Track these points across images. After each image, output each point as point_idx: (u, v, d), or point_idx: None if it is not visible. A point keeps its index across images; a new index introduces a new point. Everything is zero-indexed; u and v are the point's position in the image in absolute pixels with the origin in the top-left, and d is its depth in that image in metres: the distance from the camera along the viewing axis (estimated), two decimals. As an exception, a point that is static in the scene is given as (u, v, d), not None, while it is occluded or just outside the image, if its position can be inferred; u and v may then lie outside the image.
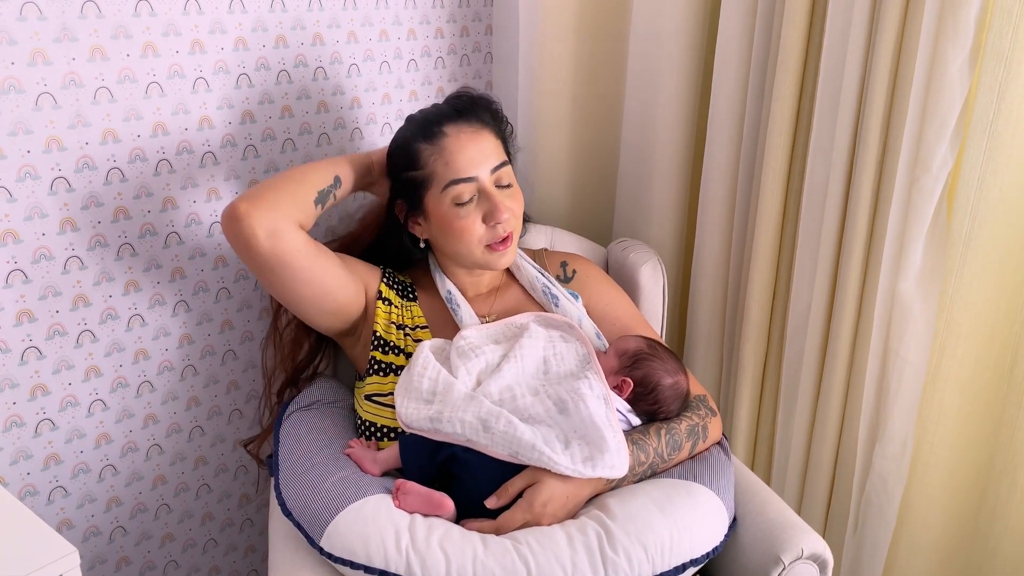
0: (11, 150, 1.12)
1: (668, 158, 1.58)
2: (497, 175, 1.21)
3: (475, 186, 1.20)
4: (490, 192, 1.20)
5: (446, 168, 1.19)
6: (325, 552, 1.01)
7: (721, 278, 1.59)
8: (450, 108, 1.23)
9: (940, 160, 1.21)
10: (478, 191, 1.20)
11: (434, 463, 1.09)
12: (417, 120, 1.24)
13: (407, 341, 1.23)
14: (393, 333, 1.24)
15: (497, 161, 1.22)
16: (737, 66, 1.45)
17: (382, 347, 1.22)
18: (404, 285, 1.31)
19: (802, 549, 1.10)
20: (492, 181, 1.21)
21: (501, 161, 1.22)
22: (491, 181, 1.21)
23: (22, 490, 1.23)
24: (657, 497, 1.07)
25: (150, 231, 1.28)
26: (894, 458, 1.36)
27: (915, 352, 1.31)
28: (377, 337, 1.23)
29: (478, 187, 1.20)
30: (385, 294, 1.27)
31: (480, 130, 1.22)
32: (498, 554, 0.98)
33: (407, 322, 1.26)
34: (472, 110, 1.23)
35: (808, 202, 1.38)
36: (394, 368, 1.21)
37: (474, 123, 1.22)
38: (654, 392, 1.16)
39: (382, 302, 1.26)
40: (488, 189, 1.20)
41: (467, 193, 1.19)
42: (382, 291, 1.27)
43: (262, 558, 1.61)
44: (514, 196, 1.24)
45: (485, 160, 1.20)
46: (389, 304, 1.26)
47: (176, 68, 1.25)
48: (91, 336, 1.25)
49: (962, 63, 1.17)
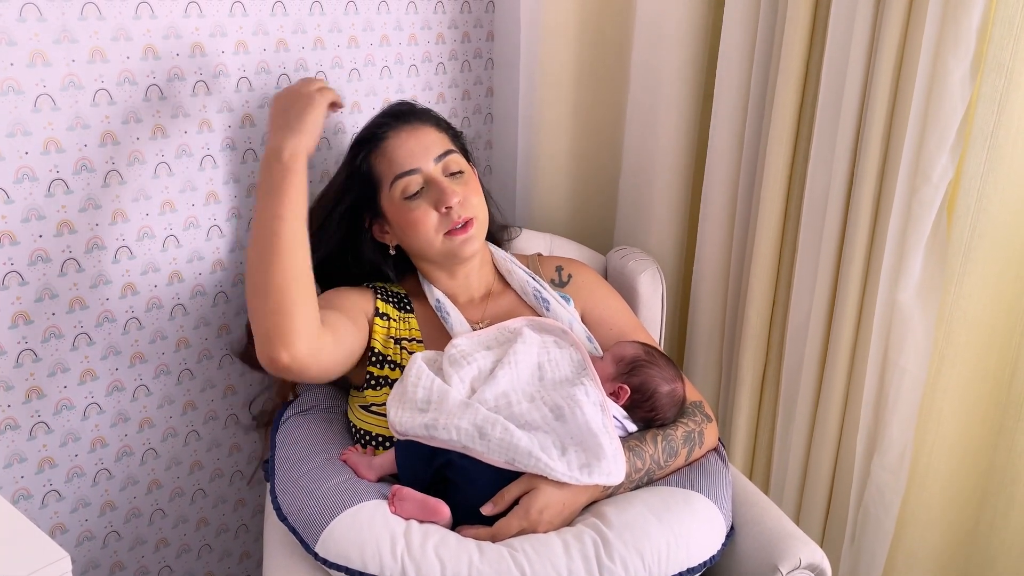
0: (9, 151, 1.11)
1: (669, 166, 1.58)
2: (444, 163, 1.24)
3: (420, 177, 1.22)
4: (436, 179, 1.22)
5: (390, 166, 1.23)
6: (320, 558, 1.01)
7: (721, 286, 1.59)
8: (387, 114, 1.29)
9: (940, 170, 1.21)
10: (425, 181, 1.22)
11: (430, 469, 1.08)
12: (359, 135, 1.30)
13: (403, 355, 1.23)
14: (391, 347, 1.23)
15: (441, 150, 1.24)
16: (739, 74, 1.45)
17: (379, 362, 1.22)
18: (399, 297, 1.30)
19: (800, 559, 1.09)
20: (439, 170, 1.23)
21: (446, 150, 1.25)
22: (438, 170, 1.23)
23: (15, 493, 1.23)
24: (654, 505, 1.07)
25: (148, 234, 1.28)
26: (892, 468, 1.35)
27: (914, 362, 1.30)
28: (375, 353, 1.22)
29: (424, 177, 1.22)
30: (383, 309, 1.26)
31: (419, 127, 1.26)
32: (494, 561, 0.98)
33: (404, 335, 1.25)
34: (411, 112, 1.28)
35: (808, 211, 1.37)
36: (389, 382, 1.20)
37: (413, 122, 1.26)
38: (651, 399, 1.16)
39: (380, 318, 1.25)
40: (434, 177, 1.22)
41: (413, 185, 1.22)
42: (379, 307, 1.26)
43: (257, 564, 1.60)
44: (467, 183, 1.25)
45: (427, 151, 1.23)
46: (387, 319, 1.26)
47: (176, 71, 1.25)
48: (87, 339, 1.25)
49: (963, 73, 1.17)
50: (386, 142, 1.24)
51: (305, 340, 1.07)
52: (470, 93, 1.72)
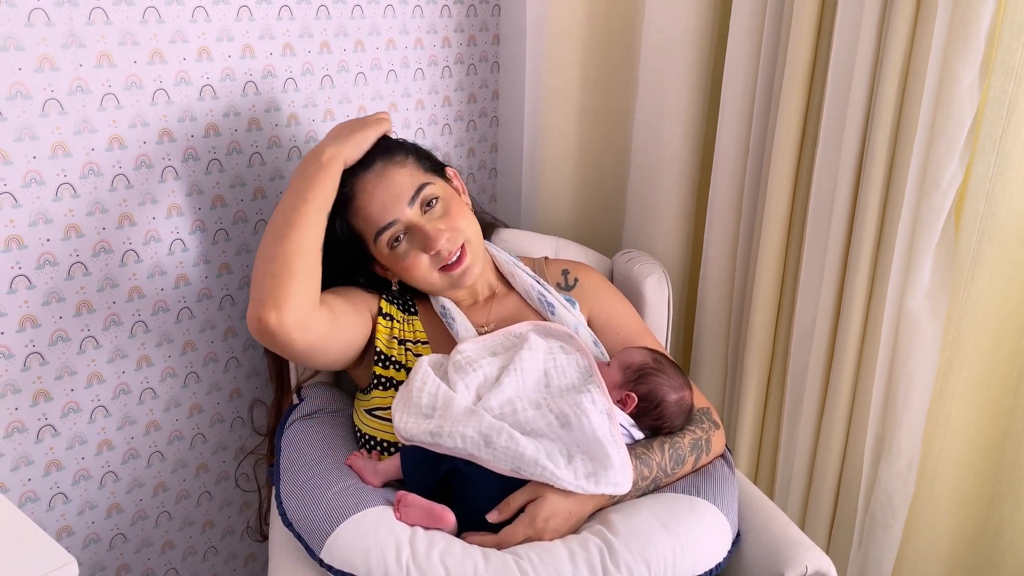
0: (17, 155, 1.12)
1: (676, 170, 1.58)
2: (419, 201, 1.20)
3: (401, 225, 1.19)
4: (417, 225, 1.19)
5: (366, 223, 1.20)
6: (325, 564, 1.01)
7: (727, 291, 1.59)
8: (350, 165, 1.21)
9: (949, 176, 1.20)
10: (406, 228, 1.19)
11: (436, 476, 1.08)
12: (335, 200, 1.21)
13: (408, 356, 1.22)
14: (395, 348, 1.23)
15: (412, 190, 1.19)
16: (745, 80, 1.44)
17: (383, 362, 1.22)
18: (405, 298, 1.30)
19: (807, 566, 1.08)
20: (417, 212, 1.20)
21: (417, 187, 1.20)
22: (416, 213, 1.19)
23: (23, 496, 1.23)
24: (660, 512, 1.06)
25: (155, 237, 1.28)
26: (900, 474, 1.35)
27: (922, 368, 1.30)
28: (378, 353, 1.22)
29: (405, 225, 1.19)
30: (386, 310, 1.26)
31: (384, 171, 1.19)
32: (499, 569, 0.97)
33: (408, 336, 1.25)
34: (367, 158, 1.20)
35: (814, 217, 1.37)
36: (395, 383, 1.20)
37: (374, 165, 1.20)
38: (659, 408, 1.15)
39: (383, 318, 1.25)
40: (414, 222, 1.19)
41: (396, 234, 1.19)
42: (383, 308, 1.26)
43: (262, 567, 1.60)
44: (447, 211, 1.21)
45: (398, 198, 1.18)
46: (391, 319, 1.25)
47: (183, 75, 1.25)
48: (94, 342, 1.25)
49: (972, 79, 1.16)
50: (356, 200, 1.19)
51: (297, 307, 1.08)
52: (476, 96, 1.71)
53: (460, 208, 1.24)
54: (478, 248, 1.25)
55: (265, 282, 1.09)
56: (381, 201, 1.18)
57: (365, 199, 1.19)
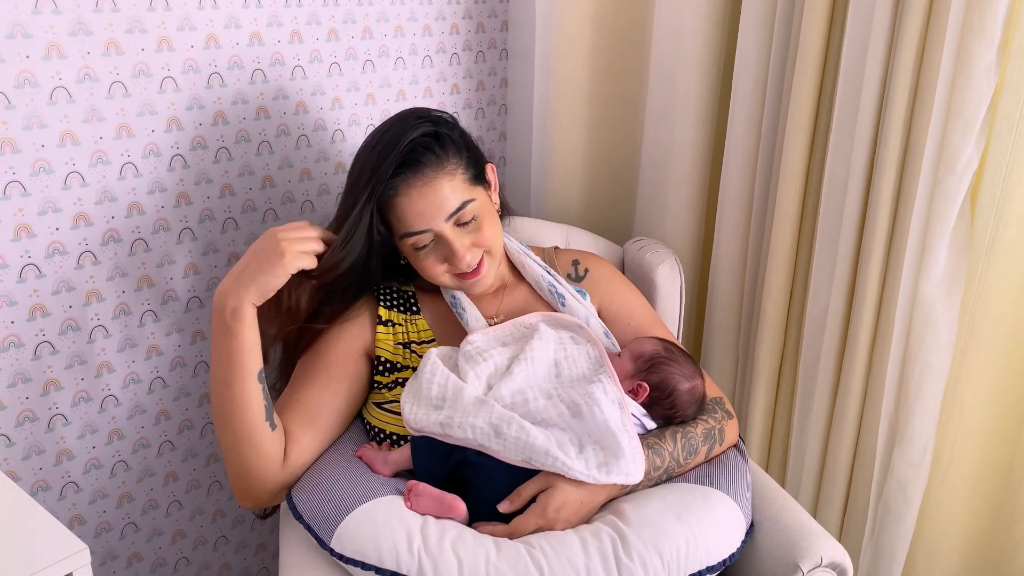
0: (25, 144, 1.11)
1: (687, 158, 1.57)
2: (456, 217, 1.16)
3: (430, 235, 1.16)
4: (447, 238, 1.16)
5: (399, 222, 1.16)
6: (336, 553, 1.00)
7: (738, 279, 1.57)
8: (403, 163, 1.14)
9: (965, 161, 1.18)
10: (435, 237, 1.17)
11: (446, 466, 1.07)
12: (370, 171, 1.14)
13: (414, 358, 1.21)
14: (400, 353, 1.22)
15: (455, 206, 1.15)
16: (756, 65, 1.43)
17: (387, 370, 1.20)
18: (405, 296, 1.28)
19: (821, 557, 1.08)
20: (451, 225, 1.16)
21: (460, 204, 1.15)
22: (449, 226, 1.16)
23: (35, 485, 1.23)
24: (673, 502, 1.06)
25: (164, 227, 1.28)
26: (914, 463, 1.34)
27: (937, 356, 1.28)
28: (382, 362, 1.21)
29: (434, 235, 1.16)
30: (386, 317, 1.24)
31: (432, 180, 1.14)
32: (511, 558, 0.97)
33: (413, 337, 1.24)
34: (425, 161, 1.14)
35: (827, 203, 1.36)
36: (400, 382, 1.19)
37: (425, 173, 1.14)
38: (671, 397, 1.14)
39: (383, 326, 1.23)
40: (445, 235, 1.16)
41: (423, 241, 1.17)
42: (381, 316, 1.24)
43: (273, 555, 1.60)
44: (480, 228, 1.18)
45: (438, 212, 1.14)
46: (392, 325, 1.24)
47: (190, 63, 1.24)
48: (104, 331, 1.25)
49: (989, 62, 1.14)
50: (397, 199, 1.14)
51: (267, 485, 1.11)
52: (484, 84, 1.70)
53: (491, 220, 1.21)
54: (497, 257, 1.23)
55: (230, 465, 1.12)
56: (420, 210, 1.14)
57: (406, 202, 1.14)
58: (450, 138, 1.18)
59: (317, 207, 1.47)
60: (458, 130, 1.21)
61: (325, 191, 1.48)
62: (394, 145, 1.14)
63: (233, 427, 1.08)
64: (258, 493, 1.11)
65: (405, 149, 1.14)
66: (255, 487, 1.11)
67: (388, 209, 1.16)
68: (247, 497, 1.13)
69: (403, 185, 1.14)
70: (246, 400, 1.07)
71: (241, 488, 1.12)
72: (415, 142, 1.14)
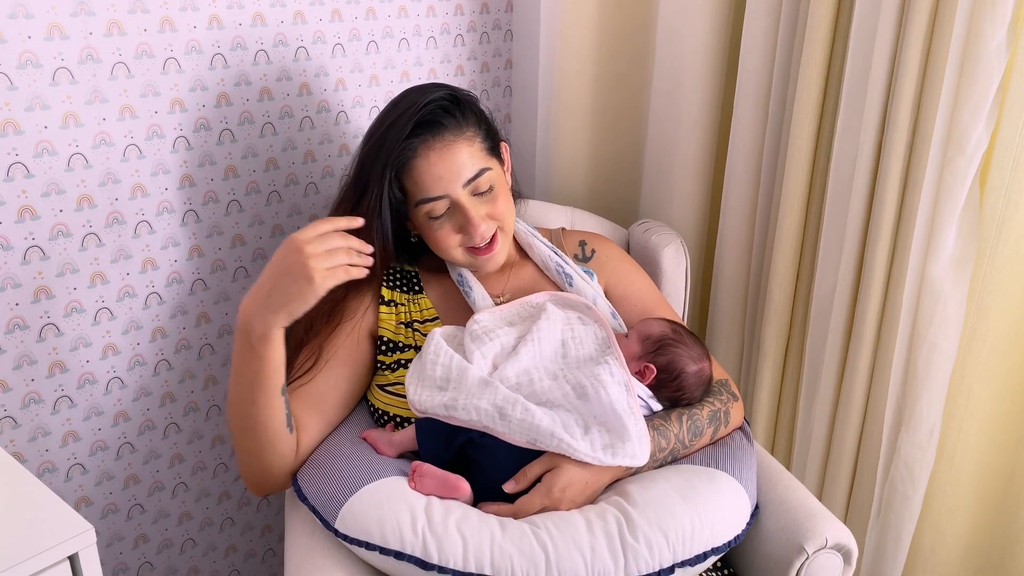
0: (28, 125, 1.11)
1: (693, 139, 1.56)
2: (474, 184, 1.16)
3: (447, 201, 1.15)
4: (464, 206, 1.15)
5: (416, 187, 1.15)
6: (340, 534, 1.00)
7: (744, 260, 1.57)
8: (421, 122, 1.13)
9: (975, 141, 1.17)
10: (451, 205, 1.16)
11: (451, 447, 1.07)
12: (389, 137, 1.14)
13: (417, 337, 1.21)
14: (402, 332, 1.21)
15: (472, 172, 1.15)
16: (764, 44, 1.41)
17: (389, 350, 1.20)
18: (409, 276, 1.28)
19: (826, 539, 1.08)
20: (468, 193, 1.16)
21: (477, 171, 1.15)
22: (465, 194, 1.16)
23: (40, 467, 1.23)
24: (678, 484, 1.05)
25: (167, 208, 1.27)
26: (921, 444, 1.33)
27: (944, 337, 1.28)
28: (384, 341, 1.20)
29: (450, 201, 1.16)
30: (388, 297, 1.24)
31: (452, 142, 1.14)
32: (516, 538, 0.97)
33: (415, 316, 1.23)
34: (444, 124, 1.14)
35: (835, 184, 1.35)
36: (403, 363, 1.18)
37: (445, 136, 1.14)
38: (678, 379, 1.14)
39: (385, 306, 1.23)
40: (461, 202, 1.15)
41: (439, 209, 1.16)
42: (384, 296, 1.24)
43: (279, 537, 1.61)
44: (495, 199, 1.18)
45: (456, 176, 1.14)
46: (394, 305, 1.23)
47: (193, 44, 1.24)
48: (109, 314, 1.25)
49: (999, 41, 1.13)
50: (415, 162, 1.13)
51: (282, 478, 1.12)
52: (489, 65, 1.69)
53: (506, 195, 1.21)
54: (509, 235, 1.23)
55: (245, 464, 1.12)
56: (438, 174, 1.14)
57: (424, 165, 1.14)
58: (469, 105, 1.18)
59: (321, 189, 1.46)
60: (477, 102, 1.21)
61: (329, 173, 1.47)
62: (412, 106, 1.14)
63: (255, 436, 1.07)
64: (271, 485, 1.12)
65: (425, 110, 1.14)
66: (269, 481, 1.12)
67: (405, 173, 1.15)
68: (260, 489, 1.14)
69: (422, 147, 1.13)
70: (270, 413, 1.06)
71: (255, 482, 1.13)
72: (435, 103, 1.15)
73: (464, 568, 0.96)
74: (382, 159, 1.14)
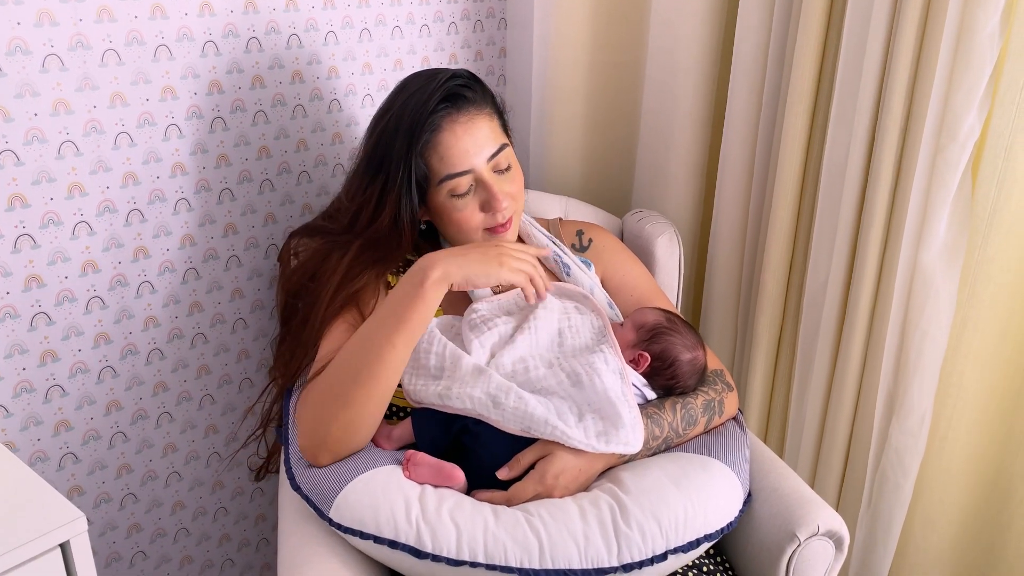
0: (18, 113, 1.10)
1: (687, 127, 1.55)
2: (495, 161, 1.17)
3: (471, 177, 1.16)
4: (487, 182, 1.16)
5: (441, 163, 1.15)
6: (334, 523, 1.00)
7: (738, 249, 1.57)
8: (445, 96, 1.14)
9: (967, 129, 1.17)
10: (475, 181, 1.17)
11: (448, 436, 1.07)
12: (411, 113, 1.15)
13: None
14: None
15: (495, 147, 1.17)
16: (757, 32, 1.41)
17: None
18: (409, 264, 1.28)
19: (818, 525, 1.08)
20: (490, 169, 1.17)
21: (499, 146, 1.17)
22: (488, 169, 1.17)
23: (32, 456, 1.23)
24: (672, 472, 1.06)
25: (159, 197, 1.27)
26: (911, 433, 1.34)
27: (936, 325, 1.28)
28: None
29: (474, 177, 1.16)
30: (394, 282, 1.23)
31: (475, 116, 1.16)
32: (509, 525, 0.97)
33: None
34: (466, 97, 1.16)
35: (828, 172, 1.35)
36: None
37: (468, 110, 1.16)
38: (672, 367, 1.14)
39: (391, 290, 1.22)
40: (485, 178, 1.16)
41: (463, 185, 1.16)
42: (390, 281, 1.23)
43: (272, 527, 1.61)
44: (513, 179, 1.20)
45: (480, 149, 1.15)
46: None
47: (185, 31, 1.23)
48: (100, 302, 1.24)
49: (992, 28, 1.13)
50: (440, 135, 1.14)
51: (363, 441, 1.07)
52: (483, 54, 1.68)
53: (521, 179, 1.22)
54: (520, 218, 1.24)
55: (332, 428, 1.04)
56: (463, 148, 1.14)
57: (451, 139, 1.14)
58: (483, 84, 1.21)
59: (314, 178, 1.46)
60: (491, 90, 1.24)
61: (322, 162, 1.46)
62: (433, 82, 1.15)
63: (372, 385, 1.03)
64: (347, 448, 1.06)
65: (448, 84, 1.15)
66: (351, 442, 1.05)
67: (431, 148, 1.15)
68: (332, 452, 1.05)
69: (446, 120, 1.14)
70: (399, 365, 1.06)
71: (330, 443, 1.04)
72: (457, 78, 1.16)
73: (458, 556, 0.96)
74: (404, 135, 1.14)
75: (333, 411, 1.05)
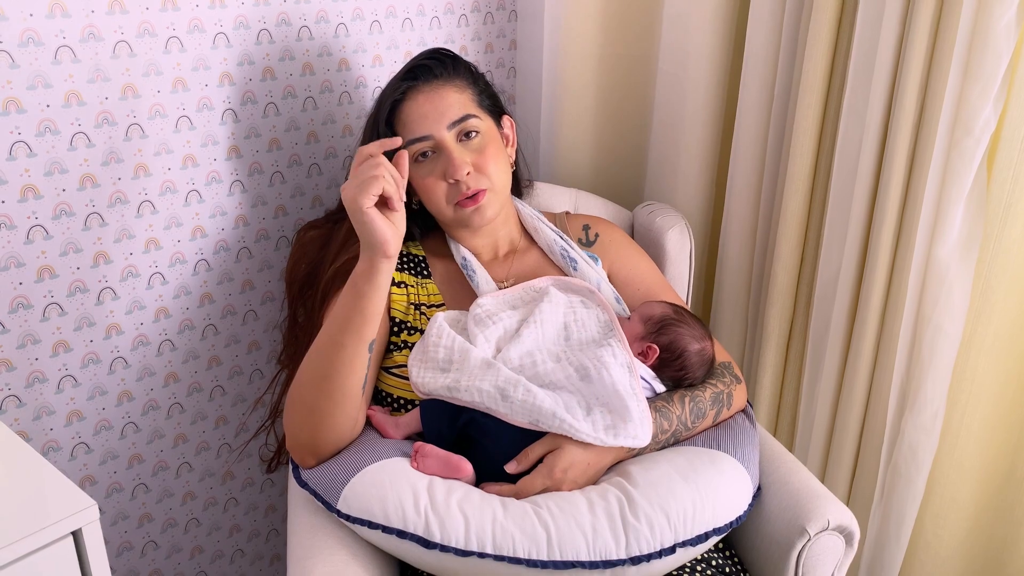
0: (31, 104, 1.10)
1: (699, 120, 1.55)
2: (458, 129, 1.18)
3: (431, 143, 1.17)
4: (446, 147, 1.17)
5: (404, 129, 1.18)
6: (343, 514, 1.01)
7: (748, 242, 1.56)
8: (409, 70, 1.20)
9: (983, 122, 1.16)
10: (434, 147, 1.18)
11: (455, 428, 1.08)
12: (382, 92, 1.23)
13: (423, 320, 1.21)
14: (411, 313, 1.21)
15: (458, 115, 1.17)
16: (770, 25, 1.40)
17: (399, 330, 1.20)
18: (417, 260, 1.28)
19: (828, 520, 1.08)
20: (452, 136, 1.17)
21: (463, 115, 1.18)
22: (451, 137, 1.17)
23: (45, 445, 1.24)
24: (680, 465, 1.05)
25: (171, 188, 1.27)
26: (925, 428, 1.33)
27: (950, 319, 1.27)
28: (397, 323, 1.20)
29: (435, 144, 1.17)
30: (399, 279, 1.24)
31: (440, 87, 1.18)
32: (518, 517, 0.97)
33: (423, 300, 1.23)
34: (432, 70, 1.19)
35: (840, 164, 1.34)
36: (410, 346, 1.18)
37: (432, 81, 1.19)
38: (680, 359, 1.14)
39: (396, 287, 1.23)
40: (444, 144, 1.17)
41: (422, 151, 1.18)
42: (395, 278, 1.23)
43: (283, 518, 1.62)
44: (482, 149, 1.19)
45: (441, 116, 1.17)
46: (404, 287, 1.23)
47: (195, 22, 1.23)
48: (112, 293, 1.25)
49: (1009, 20, 1.12)
50: (403, 104, 1.18)
51: (341, 444, 1.08)
52: (493, 46, 1.68)
53: (497, 154, 1.21)
54: (499, 198, 1.22)
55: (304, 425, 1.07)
56: (423, 113, 1.17)
57: (411, 107, 1.18)
58: (464, 63, 1.23)
59: (324, 170, 1.46)
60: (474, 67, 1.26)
61: (332, 154, 1.46)
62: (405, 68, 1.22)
63: (328, 388, 1.05)
64: (327, 449, 1.08)
65: (416, 59, 1.22)
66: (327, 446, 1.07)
67: (396, 117, 1.19)
68: (314, 454, 1.08)
69: (411, 91, 1.19)
70: (352, 366, 1.05)
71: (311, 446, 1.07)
72: (429, 53, 1.22)
73: (466, 547, 0.96)
74: (375, 111, 1.21)
75: (302, 416, 1.07)
